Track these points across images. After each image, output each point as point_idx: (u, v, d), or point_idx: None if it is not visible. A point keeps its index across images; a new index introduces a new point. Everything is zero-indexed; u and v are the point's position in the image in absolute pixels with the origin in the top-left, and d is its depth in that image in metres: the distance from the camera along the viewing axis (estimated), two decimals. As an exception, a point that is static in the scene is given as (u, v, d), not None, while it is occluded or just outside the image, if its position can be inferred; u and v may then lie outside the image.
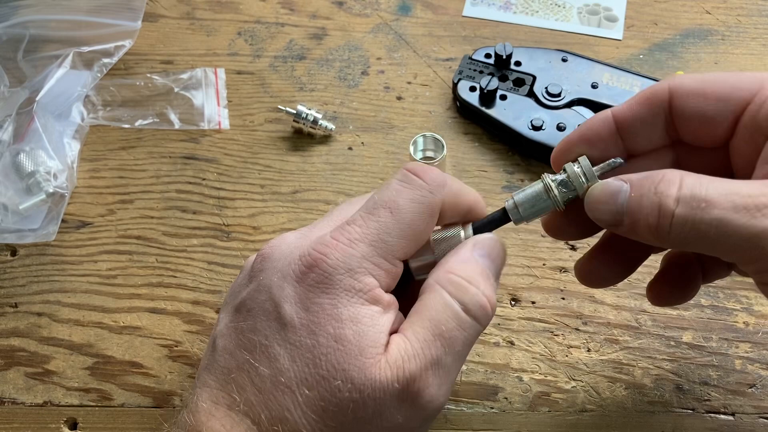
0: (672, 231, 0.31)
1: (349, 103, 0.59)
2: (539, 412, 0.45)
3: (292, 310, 0.33)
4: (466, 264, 0.35)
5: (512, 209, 0.37)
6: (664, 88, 0.35)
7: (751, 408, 0.44)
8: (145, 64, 0.62)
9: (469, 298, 0.33)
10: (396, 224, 0.34)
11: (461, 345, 0.33)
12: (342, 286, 0.33)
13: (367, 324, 0.32)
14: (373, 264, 0.33)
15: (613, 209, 0.33)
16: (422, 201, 0.34)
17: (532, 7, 0.65)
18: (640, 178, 0.32)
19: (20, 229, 0.53)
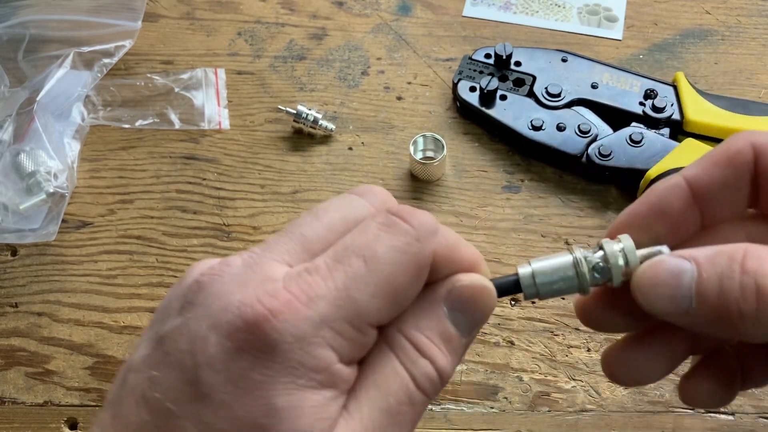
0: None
1: (349, 103, 0.59)
2: (539, 412, 0.45)
3: (213, 378, 0.25)
4: (426, 320, 0.28)
5: (527, 279, 0.30)
6: (746, 145, 0.29)
7: (751, 408, 0.45)
8: (146, 64, 0.62)
9: (419, 371, 0.27)
10: (371, 278, 0.26)
11: (409, 425, 0.27)
12: (286, 361, 0.25)
13: (309, 417, 0.25)
14: (335, 332, 0.26)
15: (677, 294, 0.27)
16: (407, 251, 0.27)
17: (532, 7, 0.65)
18: (711, 253, 0.27)
19: (20, 229, 0.53)
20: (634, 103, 0.55)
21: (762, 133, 0.29)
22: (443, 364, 0.28)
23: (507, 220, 0.53)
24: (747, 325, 0.26)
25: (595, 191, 0.54)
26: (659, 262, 0.28)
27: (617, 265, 0.29)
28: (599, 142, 0.54)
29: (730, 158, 0.29)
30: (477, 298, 0.29)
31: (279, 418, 0.25)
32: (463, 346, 0.29)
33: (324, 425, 0.25)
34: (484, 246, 0.52)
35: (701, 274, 0.26)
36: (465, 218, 0.53)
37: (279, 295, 0.26)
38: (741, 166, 0.29)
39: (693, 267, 0.27)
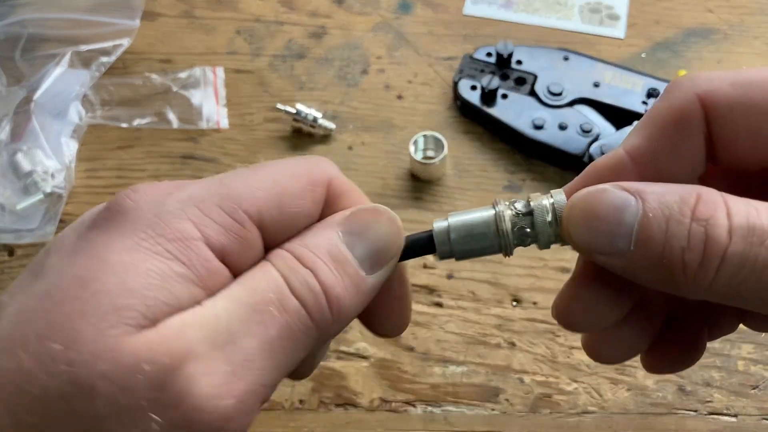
0: (719, 276, 0.22)
1: (349, 103, 0.59)
2: (541, 414, 0.44)
3: (55, 258, 0.23)
4: (315, 238, 0.25)
5: (441, 234, 0.26)
6: (692, 102, 0.25)
7: (754, 409, 0.44)
8: (144, 63, 0.62)
9: (295, 277, 0.24)
10: (254, 174, 0.25)
11: (277, 332, 0.23)
12: (135, 225, 0.23)
13: (142, 277, 0.22)
14: (202, 211, 0.23)
15: (615, 232, 0.23)
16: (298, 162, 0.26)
17: (534, 5, 0.65)
18: (660, 192, 0.23)
19: (18, 229, 0.53)
20: (636, 102, 0.55)
21: (704, 78, 0.25)
22: (331, 281, 0.24)
23: (508, 220, 0.53)
24: (687, 278, 0.23)
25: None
26: (600, 191, 0.24)
27: (544, 221, 0.25)
28: (601, 142, 0.53)
29: (676, 122, 0.25)
30: (377, 223, 0.25)
31: (104, 271, 0.22)
32: (363, 279, 0.25)
33: (161, 294, 0.22)
34: (485, 246, 0.51)
35: (647, 213, 0.23)
36: (466, 218, 0.53)
37: (151, 183, 0.24)
38: (691, 127, 0.25)
39: (638, 204, 0.23)
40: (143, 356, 0.21)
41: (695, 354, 0.31)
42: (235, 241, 0.24)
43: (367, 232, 0.25)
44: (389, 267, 0.26)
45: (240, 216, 0.24)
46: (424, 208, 0.53)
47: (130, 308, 0.21)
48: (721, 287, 0.23)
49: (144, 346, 0.21)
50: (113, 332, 0.21)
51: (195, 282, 0.23)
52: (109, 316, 0.21)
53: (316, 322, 0.24)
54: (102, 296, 0.21)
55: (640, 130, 0.26)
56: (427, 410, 0.45)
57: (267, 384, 0.23)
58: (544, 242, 0.26)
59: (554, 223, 0.25)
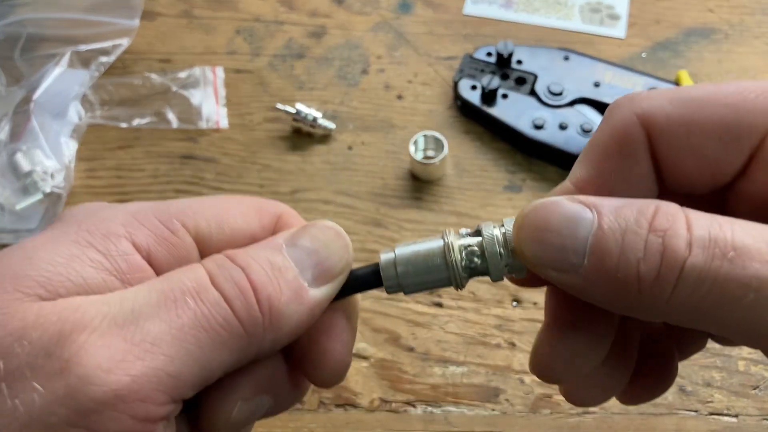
0: (678, 291, 0.21)
1: (349, 102, 0.59)
2: (541, 414, 0.44)
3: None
4: (257, 247, 0.24)
5: (388, 267, 0.25)
6: (633, 122, 0.24)
7: (755, 410, 0.44)
8: (143, 62, 0.62)
9: (221, 272, 0.23)
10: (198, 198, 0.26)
11: (189, 320, 0.22)
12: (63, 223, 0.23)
13: (52, 255, 0.22)
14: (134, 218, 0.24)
15: (568, 245, 0.22)
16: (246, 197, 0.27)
17: (534, 5, 0.64)
18: (617, 205, 0.22)
19: (17, 230, 0.52)
20: (636, 101, 0.55)
21: (644, 97, 0.24)
22: (263, 280, 0.23)
23: (508, 220, 0.52)
24: (643, 293, 0.21)
25: (598, 191, 0.54)
26: (552, 203, 0.23)
27: (495, 253, 0.24)
28: (601, 142, 0.53)
29: (619, 145, 0.24)
30: (322, 235, 0.25)
31: (16, 248, 0.22)
32: (305, 288, 0.24)
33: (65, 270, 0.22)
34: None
35: (602, 226, 0.22)
36: (466, 218, 0.53)
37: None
38: (634, 148, 0.24)
39: (593, 217, 0.22)
40: (31, 322, 0.20)
41: (669, 379, 0.30)
42: (164, 246, 0.23)
43: (312, 243, 0.24)
44: (335, 284, 0.25)
45: (173, 225, 0.24)
46: (424, 208, 0.53)
47: (27, 278, 0.21)
48: (680, 304, 0.21)
49: (34, 314, 0.20)
50: (5, 297, 0.21)
51: (111, 272, 0.22)
52: (4, 282, 0.21)
53: (242, 320, 0.22)
54: (4, 267, 0.21)
55: (584, 159, 0.25)
56: (427, 410, 0.45)
57: (175, 375, 0.21)
58: (496, 274, 0.24)
59: (505, 254, 0.24)
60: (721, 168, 0.24)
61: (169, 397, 0.21)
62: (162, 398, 0.21)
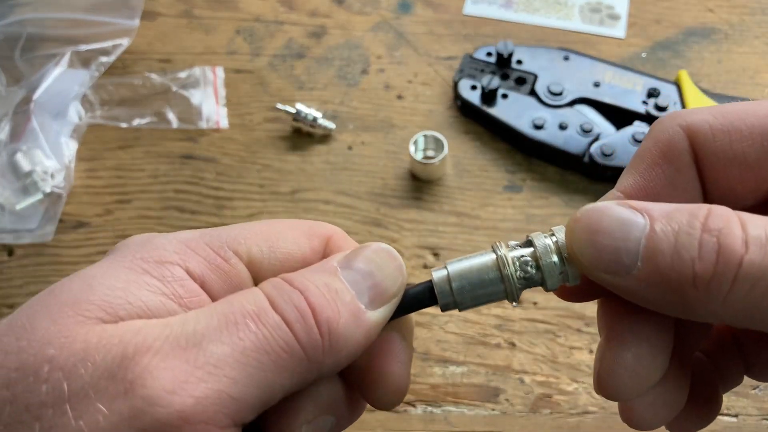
0: (735, 289, 0.21)
1: (349, 102, 0.59)
2: (541, 414, 0.44)
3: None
4: (312, 270, 0.24)
5: (442, 283, 0.25)
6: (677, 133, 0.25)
7: (755, 410, 0.44)
8: (143, 62, 0.62)
9: (280, 295, 0.23)
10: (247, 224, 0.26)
11: (252, 344, 0.22)
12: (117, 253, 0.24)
13: (111, 281, 0.22)
14: (188, 247, 0.24)
15: (621, 247, 0.22)
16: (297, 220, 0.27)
17: (534, 5, 0.64)
18: (668, 209, 0.22)
19: (17, 229, 0.52)
20: (636, 101, 0.55)
21: (687, 112, 0.25)
22: (321, 303, 0.23)
23: (508, 221, 0.52)
24: (699, 293, 0.21)
25: (598, 191, 0.54)
26: (605, 206, 0.23)
27: (550, 263, 0.24)
28: (601, 142, 0.53)
29: (664, 153, 0.25)
30: (377, 257, 0.25)
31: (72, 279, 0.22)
32: (362, 311, 0.24)
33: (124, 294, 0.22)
34: (485, 246, 0.51)
35: (654, 228, 0.22)
36: (466, 218, 0.53)
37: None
38: (680, 157, 0.25)
39: (645, 221, 0.22)
40: (94, 344, 0.20)
41: (715, 409, 0.29)
42: (218, 274, 0.24)
43: (366, 266, 0.25)
44: (391, 305, 0.25)
45: (225, 253, 0.24)
46: (424, 208, 0.53)
47: (88, 302, 0.21)
48: (737, 302, 0.21)
49: (96, 336, 0.21)
50: (67, 321, 0.21)
51: (168, 296, 0.23)
52: (66, 309, 0.21)
53: (303, 343, 0.22)
54: (64, 295, 0.22)
55: (631, 169, 0.26)
56: (428, 410, 0.45)
57: (238, 397, 0.21)
58: (551, 283, 0.24)
59: (559, 262, 0.24)
60: (765, 174, 0.24)
61: (232, 420, 0.21)
62: (225, 421, 0.21)
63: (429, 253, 0.51)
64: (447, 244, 0.51)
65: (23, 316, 0.21)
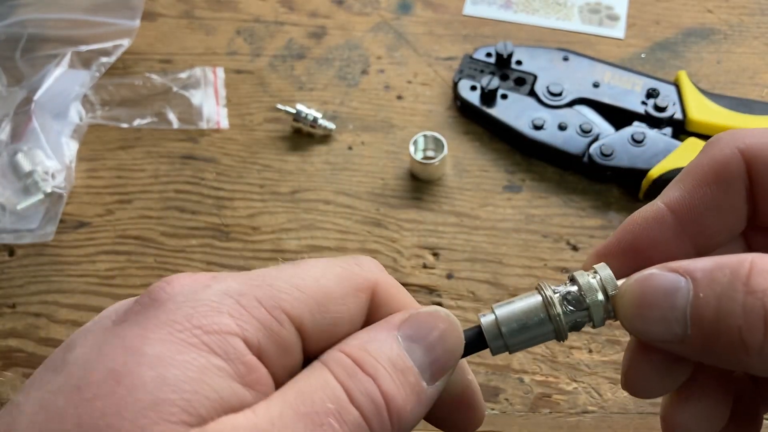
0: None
1: (349, 103, 0.59)
2: (540, 414, 0.45)
3: (80, 351, 0.21)
4: (375, 342, 0.23)
5: (492, 330, 0.25)
6: (734, 155, 0.24)
7: (754, 409, 0.44)
8: (144, 63, 0.62)
9: (356, 385, 0.22)
10: (297, 273, 0.23)
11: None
12: (169, 315, 0.21)
13: (182, 369, 0.20)
14: (240, 305, 0.22)
15: (669, 317, 0.22)
16: (343, 266, 0.25)
17: (533, 5, 0.65)
18: (709, 268, 0.22)
19: (18, 229, 0.53)
20: (636, 102, 0.55)
21: (747, 133, 0.25)
22: (393, 392, 0.22)
23: (508, 221, 0.53)
24: (752, 357, 0.21)
25: (597, 191, 0.54)
26: (648, 277, 0.23)
27: (596, 301, 0.24)
28: (601, 142, 0.53)
29: (718, 174, 0.24)
30: (438, 329, 0.24)
31: (138, 363, 0.20)
32: (424, 390, 0.23)
33: (201, 388, 0.20)
34: (485, 246, 0.51)
35: (697, 294, 0.22)
36: (465, 218, 0.53)
37: (185, 274, 0.23)
38: (733, 181, 0.24)
39: (688, 284, 0.22)
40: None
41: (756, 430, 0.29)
42: (273, 341, 0.22)
43: (428, 339, 0.24)
44: (449, 375, 0.25)
45: (280, 315, 0.22)
46: (424, 208, 0.53)
47: (170, 403, 0.20)
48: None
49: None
50: (155, 429, 0.19)
51: (234, 378, 0.21)
52: (148, 412, 0.19)
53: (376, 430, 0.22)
54: (138, 391, 0.20)
55: (680, 183, 0.25)
56: (427, 410, 0.45)
57: None
58: (599, 320, 0.25)
59: (606, 299, 0.24)
60: None
61: None
62: None
63: (429, 253, 0.51)
64: (447, 244, 0.52)
65: (95, 412, 0.19)
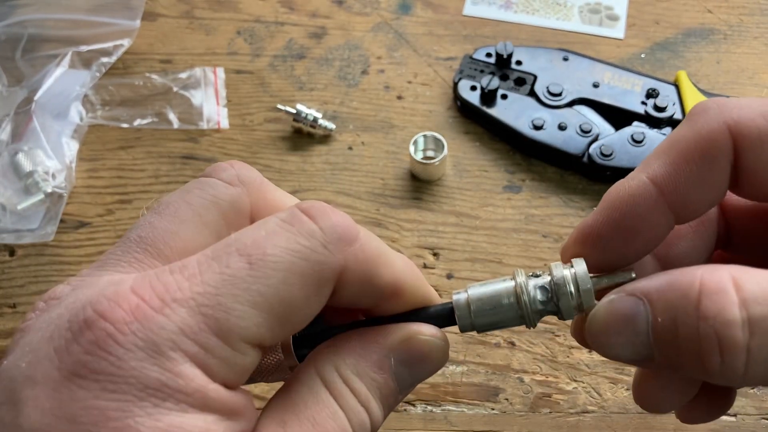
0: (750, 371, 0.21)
1: (349, 103, 0.59)
2: (540, 413, 0.45)
3: (39, 419, 0.19)
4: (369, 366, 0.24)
5: (462, 308, 0.26)
6: (722, 131, 0.24)
7: (753, 409, 0.44)
8: (144, 63, 0.62)
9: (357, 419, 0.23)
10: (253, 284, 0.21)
11: None
12: (142, 381, 0.19)
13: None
14: (199, 345, 0.20)
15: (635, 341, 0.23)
16: (307, 256, 0.21)
17: (533, 6, 0.65)
18: (662, 289, 0.22)
19: (18, 229, 0.53)
20: (635, 102, 0.55)
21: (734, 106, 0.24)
22: (377, 419, 0.24)
23: (508, 220, 0.53)
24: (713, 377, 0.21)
25: (597, 191, 0.54)
26: (610, 304, 0.23)
27: (566, 295, 0.25)
28: (601, 142, 0.53)
29: (704, 151, 0.24)
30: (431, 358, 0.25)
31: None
32: (397, 401, 0.25)
33: None
34: (485, 246, 0.51)
35: (656, 318, 0.22)
36: (465, 218, 0.53)
37: (122, 301, 0.20)
38: (719, 156, 0.24)
39: (647, 308, 0.22)
40: None
41: (727, 404, 0.30)
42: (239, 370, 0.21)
43: (419, 366, 0.25)
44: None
45: (240, 346, 0.21)
46: (424, 208, 0.53)
47: None
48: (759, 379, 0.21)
49: None
50: None
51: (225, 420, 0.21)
52: None
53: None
54: None
55: (665, 156, 0.25)
56: (427, 409, 0.45)
57: None
58: (567, 313, 0.25)
59: (576, 293, 0.25)
60: None
61: None
62: None
63: (429, 253, 0.51)
64: (447, 244, 0.52)
65: None
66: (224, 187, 0.25)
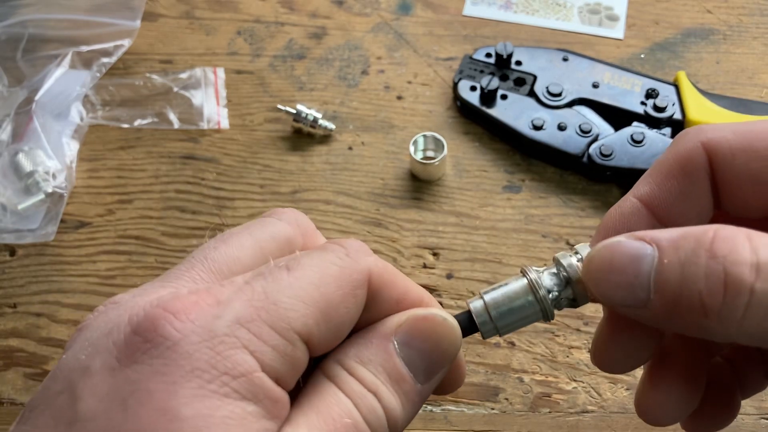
0: (749, 317, 0.21)
1: (349, 103, 0.59)
2: (540, 413, 0.45)
3: (95, 404, 0.20)
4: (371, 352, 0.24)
5: (481, 314, 0.26)
6: (697, 148, 0.26)
7: (753, 409, 0.44)
8: (144, 63, 0.62)
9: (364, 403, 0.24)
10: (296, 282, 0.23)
11: None
12: (192, 363, 0.20)
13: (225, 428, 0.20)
14: (253, 334, 0.22)
15: (634, 283, 0.23)
16: (336, 262, 0.24)
17: (533, 6, 0.65)
18: (674, 236, 0.23)
19: (19, 229, 0.53)
20: (635, 102, 0.55)
21: (710, 128, 0.26)
22: (392, 404, 0.24)
23: (507, 221, 0.53)
24: (711, 321, 0.22)
25: (597, 191, 0.54)
26: (615, 244, 0.24)
27: (579, 279, 0.25)
28: (600, 142, 0.53)
29: (682, 167, 0.26)
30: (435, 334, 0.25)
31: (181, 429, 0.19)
32: (418, 392, 0.25)
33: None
34: (485, 246, 0.51)
35: (662, 260, 0.22)
36: (465, 218, 0.53)
37: (181, 298, 0.22)
38: (696, 172, 0.26)
39: (654, 251, 0.23)
40: None
41: (732, 413, 0.30)
42: (288, 363, 0.22)
43: (425, 344, 0.25)
44: (443, 373, 0.26)
45: (291, 336, 0.22)
46: (424, 208, 0.54)
47: None
48: (753, 328, 0.21)
49: None
50: None
51: (265, 416, 0.22)
52: None
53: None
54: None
55: (649, 177, 0.27)
56: (427, 409, 0.45)
57: None
58: (582, 300, 0.26)
59: None
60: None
61: None
62: None
63: (429, 253, 0.51)
64: (447, 244, 0.52)
65: None
66: (283, 226, 0.27)
